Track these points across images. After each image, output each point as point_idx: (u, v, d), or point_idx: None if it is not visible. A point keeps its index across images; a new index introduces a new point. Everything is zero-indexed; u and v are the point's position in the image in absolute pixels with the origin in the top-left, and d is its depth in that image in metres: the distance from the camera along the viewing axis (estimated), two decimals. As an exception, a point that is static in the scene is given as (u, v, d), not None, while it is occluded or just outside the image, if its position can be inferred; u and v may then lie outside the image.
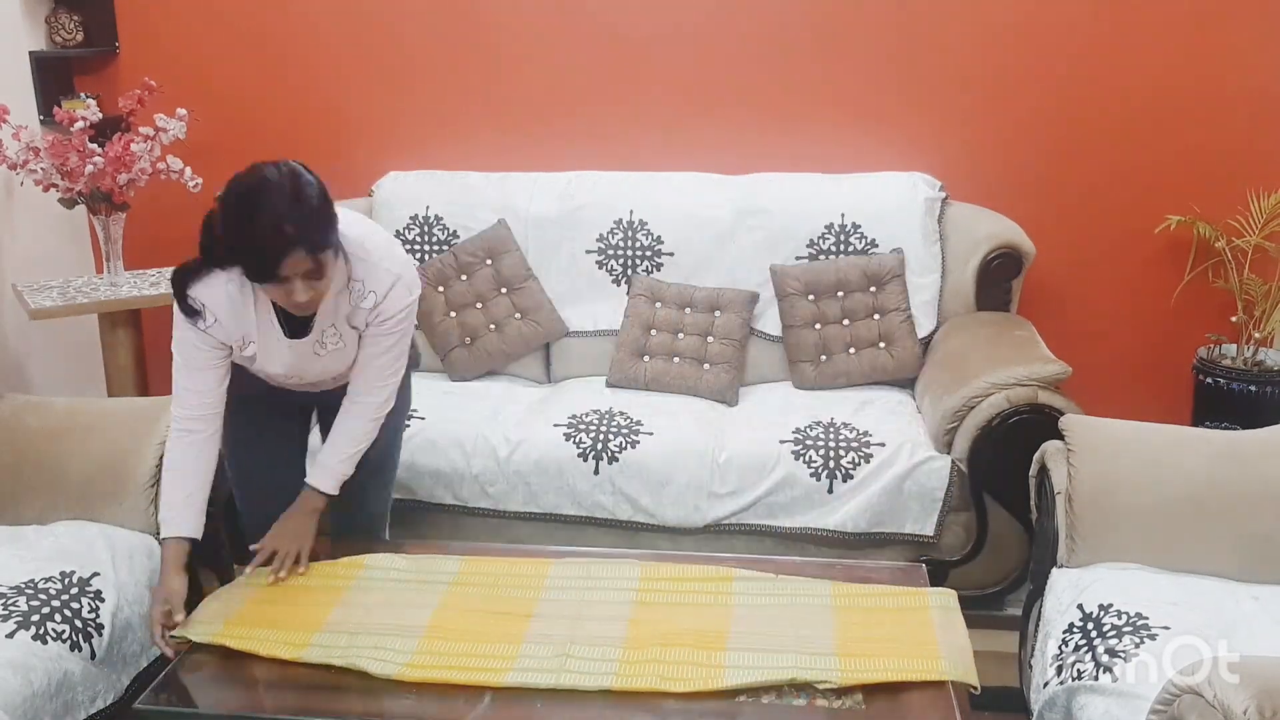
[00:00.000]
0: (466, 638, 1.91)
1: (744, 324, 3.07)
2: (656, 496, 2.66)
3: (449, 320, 3.17)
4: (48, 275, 3.30)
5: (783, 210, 3.12)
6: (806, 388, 3.02)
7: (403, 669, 1.81)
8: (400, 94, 3.45)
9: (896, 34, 3.20)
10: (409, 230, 3.24)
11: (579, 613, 1.99)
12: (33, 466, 2.33)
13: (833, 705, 1.74)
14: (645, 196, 3.19)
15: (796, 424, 2.73)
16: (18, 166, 2.98)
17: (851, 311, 3.02)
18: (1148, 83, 3.10)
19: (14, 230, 3.35)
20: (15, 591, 1.96)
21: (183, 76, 3.37)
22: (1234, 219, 3.12)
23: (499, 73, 3.40)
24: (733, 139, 3.34)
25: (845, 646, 1.86)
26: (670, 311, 3.08)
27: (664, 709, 1.75)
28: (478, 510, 2.74)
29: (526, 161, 3.36)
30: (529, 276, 3.18)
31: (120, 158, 2.99)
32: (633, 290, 3.12)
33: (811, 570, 2.15)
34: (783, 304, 3.05)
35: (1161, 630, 1.81)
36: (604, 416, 2.78)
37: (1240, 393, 3.09)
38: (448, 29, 3.38)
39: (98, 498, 2.30)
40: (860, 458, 2.62)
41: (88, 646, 1.94)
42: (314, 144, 3.50)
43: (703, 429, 2.75)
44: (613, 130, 3.39)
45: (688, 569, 2.14)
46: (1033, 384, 2.53)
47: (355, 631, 1.92)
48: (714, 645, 1.87)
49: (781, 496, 2.63)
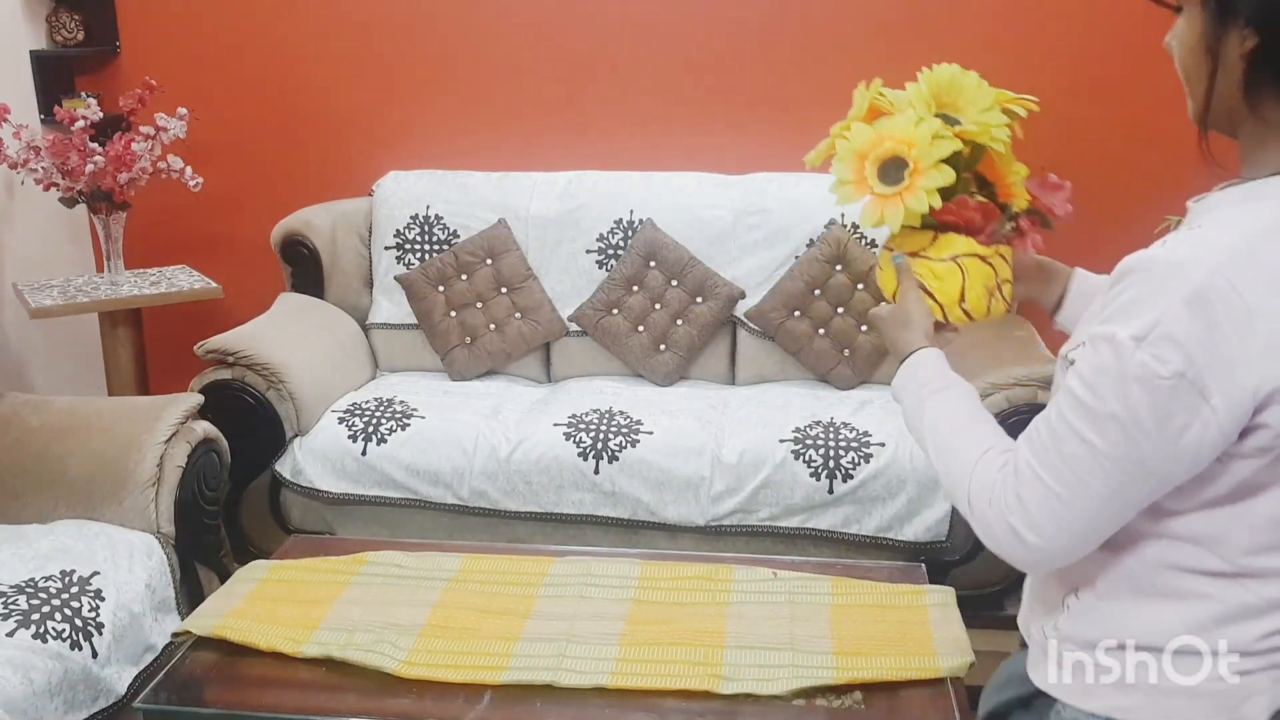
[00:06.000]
0: (465, 635, 1.91)
1: (718, 319, 3.08)
2: (656, 495, 2.66)
3: (449, 320, 3.17)
4: (48, 274, 3.31)
5: (783, 210, 3.12)
6: (805, 386, 3.03)
7: (400, 665, 1.82)
8: (400, 94, 3.45)
9: (896, 34, 3.20)
10: (409, 230, 3.25)
11: (578, 611, 1.99)
12: (33, 465, 2.34)
13: (832, 704, 1.75)
14: (645, 196, 3.19)
15: (796, 423, 2.73)
16: (18, 165, 2.98)
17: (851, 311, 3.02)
18: (1147, 82, 3.11)
19: (14, 229, 3.35)
20: (15, 590, 1.96)
21: (183, 76, 3.38)
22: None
23: (499, 73, 3.40)
24: (733, 139, 3.34)
25: (844, 645, 1.86)
26: (658, 276, 3.09)
27: (662, 707, 1.75)
28: (478, 510, 2.74)
29: (526, 161, 3.36)
30: (529, 276, 3.19)
31: (121, 157, 2.99)
32: (631, 246, 3.13)
33: (810, 569, 2.15)
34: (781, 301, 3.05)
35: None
36: (604, 416, 2.78)
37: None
38: (448, 29, 3.39)
39: (98, 497, 2.30)
40: (860, 458, 2.62)
41: (88, 645, 1.94)
42: (314, 144, 3.51)
43: (703, 428, 2.75)
44: (613, 130, 3.39)
45: (687, 568, 2.14)
46: (1033, 384, 2.53)
47: (355, 628, 1.92)
48: (712, 644, 1.88)
49: (781, 496, 2.63)
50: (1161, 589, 0.97)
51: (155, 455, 2.33)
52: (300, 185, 3.44)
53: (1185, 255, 0.89)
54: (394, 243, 3.25)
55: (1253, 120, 0.94)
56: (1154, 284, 0.88)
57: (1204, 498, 0.94)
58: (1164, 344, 0.87)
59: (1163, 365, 0.87)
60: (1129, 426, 0.90)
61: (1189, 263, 0.88)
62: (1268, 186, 0.92)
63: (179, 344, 3.10)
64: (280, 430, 2.78)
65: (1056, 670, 1.03)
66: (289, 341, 2.89)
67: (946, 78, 1.18)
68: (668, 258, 3.10)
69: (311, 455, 2.78)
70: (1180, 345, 0.86)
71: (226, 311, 3.35)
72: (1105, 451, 0.91)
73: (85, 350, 3.54)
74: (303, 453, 2.79)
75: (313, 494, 2.78)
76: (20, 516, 2.29)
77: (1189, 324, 0.86)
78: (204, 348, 2.76)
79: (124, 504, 2.29)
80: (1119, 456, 0.91)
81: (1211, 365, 0.86)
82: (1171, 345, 0.86)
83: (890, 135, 1.15)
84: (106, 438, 2.36)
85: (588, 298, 3.15)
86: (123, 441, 2.34)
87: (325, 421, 2.84)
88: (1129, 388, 0.89)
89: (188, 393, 2.60)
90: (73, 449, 2.35)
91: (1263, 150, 0.94)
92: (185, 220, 3.54)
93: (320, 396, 2.88)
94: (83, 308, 3.03)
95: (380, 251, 3.28)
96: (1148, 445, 0.90)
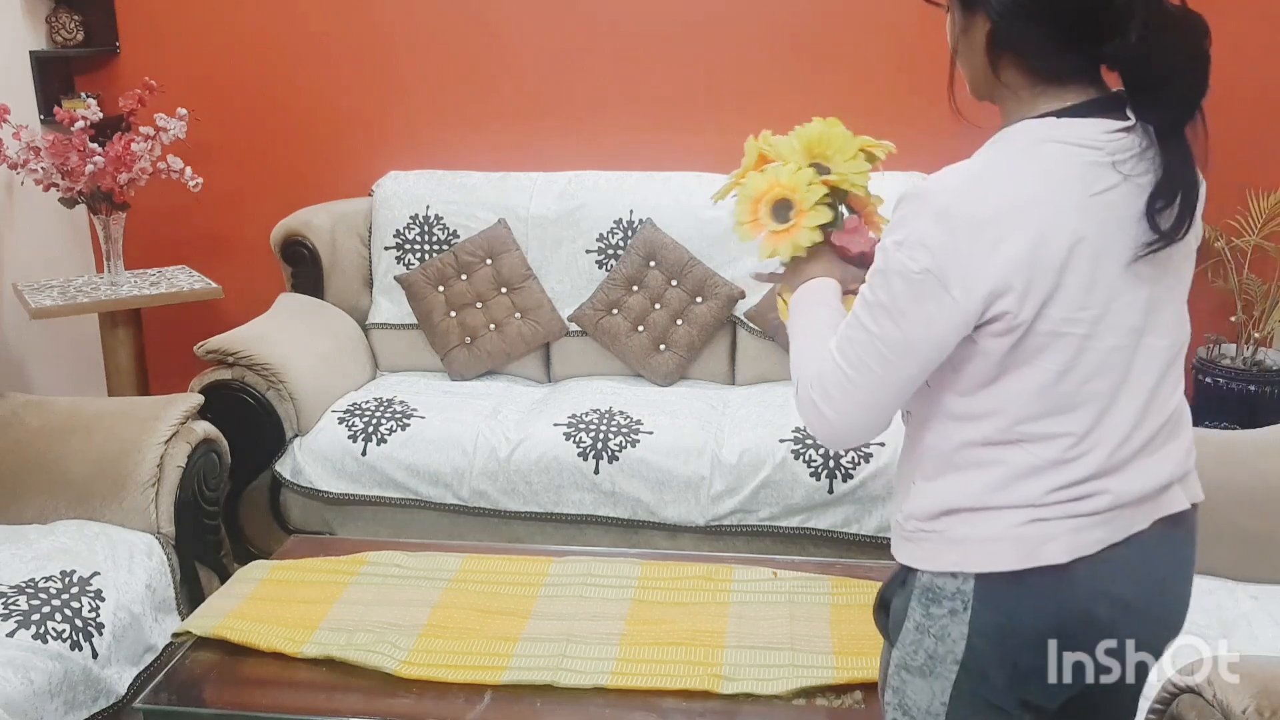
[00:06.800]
0: (465, 635, 1.91)
1: (718, 319, 3.09)
2: (656, 495, 2.66)
3: (449, 320, 3.17)
4: (48, 275, 3.31)
5: (782, 210, 3.12)
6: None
7: (400, 665, 1.82)
8: (400, 94, 3.45)
9: (895, 34, 3.20)
10: (409, 230, 3.25)
11: (578, 611, 1.99)
12: (33, 466, 2.34)
13: (832, 704, 1.75)
14: (645, 196, 3.19)
15: (796, 423, 2.73)
16: (18, 166, 2.98)
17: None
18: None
19: (14, 230, 3.35)
20: (16, 591, 1.97)
21: (183, 76, 3.38)
22: (1233, 219, 3.13)
23: (499, 73, 3.40)
24: (733, 139, 3.32)
25: (844, 645, 1.86)
26: (658, 276, 3.10)
27: (662, 707, 1.75)
28: (478, 510, 2.74)
29: (526, 161, 3.36)
30: (529, 276, 3.19)
31: (120, 157, 2.99)
32: (631, 246, 3.13)
33: (810, 569, 2.15)
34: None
35: (1161, 629, 1.81)
36: (604, 416, 2.78)
37: (1239, 393, 3.09)
38: (448, 29, 3.39)
39: (98, 497, 2.30)
40: (860, 457, 2.62)
41: (88, 646, 1.94)
42: (314, 144, 3.51)
43: (703, 428, 2.75)
44: (613, 130, 3.39)
45: (687, 568, 2.14)
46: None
47: (355, 628, 1.92)
48: (712, 644, 1.88)
49: (781, 496, 2.63)
50: (964, 462, 1.19)
51: (155, 455, 2.33)
52: (300, 185, 3.44)
53: (936, 184, 1.12)
54: (394, 243, 3.25)
55: (999, 87, 1.18)
56: (914, 205, 1.12)
57: (976, 380, 1.16)
58: (916, 248, 1.10)
59: (914, 263, 1.10)
60: (892, 311, 1.13)
61: (937, 189, 1.12)
62: (1005, 133, 1.17)
63: (179, 344, 3.11)
64: (280, 430, 2.78)
65: (909, 546, 1.23)
66: (289, 342, 2.89)
67: (816, 133, 1.40)
68: (668, 258, 3.10)
69: (311, 455, 2.79)
70: (928, 248, 1.10)
71: (226, 312, 3.36)
72: (877, 334, 1.14)
73: (85, 350, 3.54)
74: (303, 453, 2.79)
75: (313, 494, 2.78)
76: (20, 517, 2.29)
77: (934, 232, 1.09)
78: (204, 348, 2.76)
79: (124, 504, 2.29)
80: (887, 338, 1.14)
81: (950, 263, 1.09)
82: (921, 249, 1.10)
83: (777, 182, 1.37)
84: (106, 438, 2.36)
85: (587, 298, 3.15)
86: (123, 442, 2.34)
87: (325, 422, 2.84)
88: (891, 280, 1.13)
89: (188, 393, 2.60)
90: (73, 449, 2.35)
91: (1009, 108, 1.19)
92: (185, 220, 3.54)
93: (320, 396, 2.88)
94: (83, 308, 3.03)
95: (380, 251, 3.28)
96: (907, 326, 1.13)
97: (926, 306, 1.11)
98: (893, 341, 1.14)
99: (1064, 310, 1.11)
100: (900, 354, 1.14)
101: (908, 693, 1.25)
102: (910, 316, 1.12)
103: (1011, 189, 1.10)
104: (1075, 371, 1.13)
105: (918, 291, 1.11)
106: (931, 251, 1.09)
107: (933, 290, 1.10)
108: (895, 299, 1.12)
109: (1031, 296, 1.09)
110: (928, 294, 1.10)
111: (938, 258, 1.09)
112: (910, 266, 1.10)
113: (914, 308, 1.11)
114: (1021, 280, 1.09)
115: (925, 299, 1.11)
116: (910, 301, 1.11)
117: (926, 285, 1.10)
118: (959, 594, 1.18)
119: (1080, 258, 1.10)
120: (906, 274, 1.11)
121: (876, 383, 1.16)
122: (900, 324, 1.13)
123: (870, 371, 1.16)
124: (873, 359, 1.15)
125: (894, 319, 1.13)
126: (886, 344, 1.14)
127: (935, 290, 1.10)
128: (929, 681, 1.22)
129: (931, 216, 1.10)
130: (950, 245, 1.09)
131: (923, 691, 1.23)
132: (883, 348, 1.14)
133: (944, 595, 1.19)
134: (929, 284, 1.10)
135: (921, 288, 1.10)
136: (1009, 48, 1.15)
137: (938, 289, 1.10)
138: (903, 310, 1.12)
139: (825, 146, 1.39)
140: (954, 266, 1.09)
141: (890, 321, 1.13)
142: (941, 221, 1.09)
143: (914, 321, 1.12)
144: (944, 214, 1.09)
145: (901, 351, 1.14)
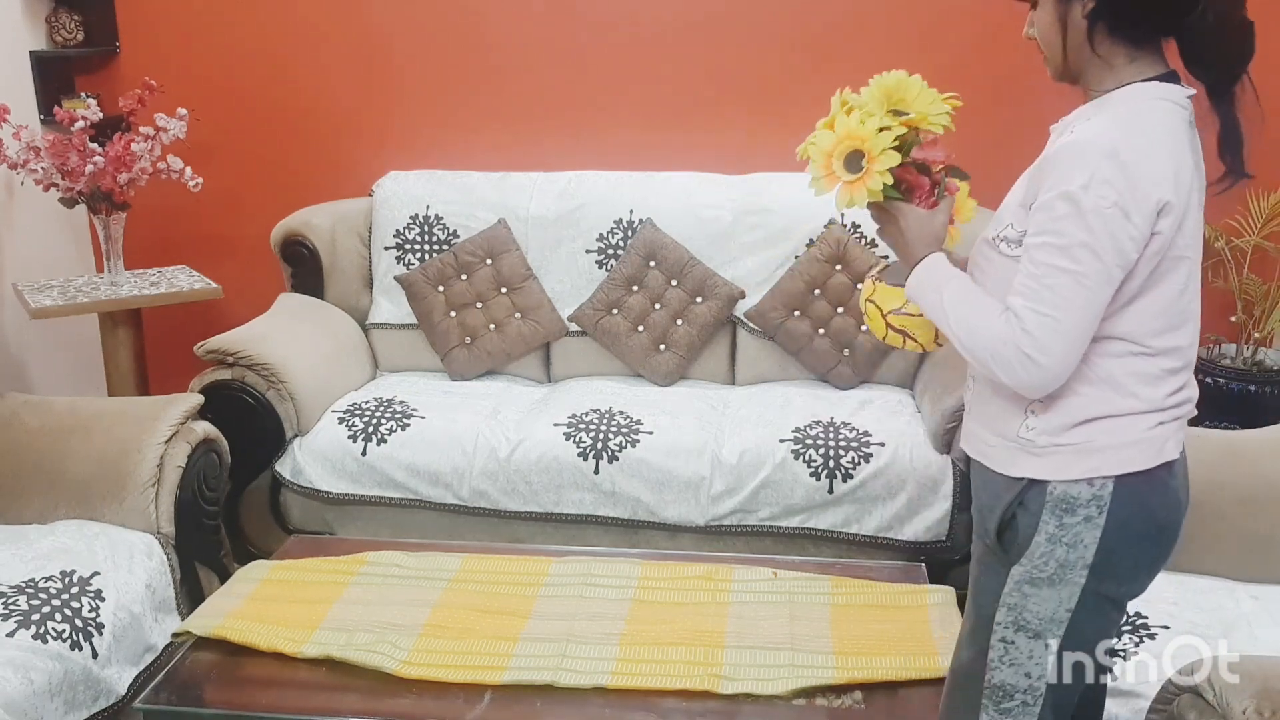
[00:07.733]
0: (465, 635, 1.91)
1: (718, 319, 3.08)
2: (656, 495, 2.66)
3: (449, 320, 3.17)
4: (48, 275, 3.31)
5: (783, 210, 3.12)
6: (805, 385, 3.03)
7: (400, 665, 1.82)
8: (400, 94, 3.45)
9: (895, 34, 3.20)
10: (409, 230, 3.25)
11: (578, 611, 2.00)
12: (33, 466, 2.34)
13: (832, 704, 1.75)
14: (645, 196, 3.19)
15: (796, 423, 2.73)
16: (18, 166, 2.98)
17: (851, 310, 3.02)
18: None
19: (14, 230, 3.35)
20: (16, 591, 1.97)
21: (183, 76, 3.38)
22: (1233, 219, 3.12)
23: (499, 73, 3.40)
24: (733, 139, 3.34)
25: (844, 645, 1.86)
26: (658, 276, 3.09)
27: (662, 707, 1.75)
28: (478, 510, 2.74)
29: (526, 161, 3.36)
30: (529, 276, 3.19)
31: (120, 157, 2.99)
32: (631, 246, 3.13)
33: (810, 569, 2.15)
34: (781, 301, 3.05)
35: (1161, 629, 1.81)
36: (604, 416, 2.78)
37: (1240, 393, 3.09)
38: (448, 29, 3.39)
39: (98, 497, 2.30)
40: (860, 458, 2.62)
41: (88, 645, 1.94)
42: (314, 144, 3.51)
43: (703, 428, 2.75)
44: (613, 130, 3.39)
45: (687, 568, 2.14)
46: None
47: (355, 628, 1.92)
48: (712, 643, 1.88)
49: (781, 496, 2.63)
50: (1100, 375, 1.33)
51: (155, 456, 2.33)
52: (300, 185, 3.44)
53: (1091, 134, 1.28)
54: (394, 243, 3.25)
55: (1095, 60, 1.35)
56: (1079, 154, 1.27)
57: (1120, 301, 1.31)
58: (1102, 185, 1.25)
59: (1104, 200, 1.25)
60: (1094, 246, 1.26)
61: (1096, 137, 1.28)
62: (1112, 94, 1.34)
63: (179, 344, 3.10)
64: (280, 430, 2.78)
65: (1036, 461, 1.36)
66: (289, 342, 2.89)
67: (893, 80, 1.49)
68: (667, 258, 3.10)
69: (311, 455, 2.79)
70: (1111, 184, 1.25)
71: (226, 311, 3.35)
72: (1080, 272, 1.27)
73: (85, 350, 3.54)
74: (303, 453, 2.79)
75: (313, 494, 2.78)
76: (20, 517, 2.29)
77: (1110, 170, 1.25)
78: (204, 348, 2.76)
79: (124, 504, 2.29)
80: (1090, 272, 1.27)
81: (1128, 195, 1.25)
82: (1106, 185, 1.25)
83: (846, 134, 1.44)
84: (106, 438, 2.36)
85: (587, 298, 3.15)
86: (123, 442, 2.34)
87: (325, 422, 2.84)
88: (1088, 218, 1.26)
89: (188, 393, 2.60)
90: (73, 449, 2.35)
91: (1102, 78, 1.36)
92: (185, 220, 3.54)
93: (320, 397, 2.88)
94: (83, 308, 3.03)
95: (380, 251, 3.28)
96: (1108, 258, 1.27)
97: (1119, 237, 1.26)
98: (1095, 274, 1.27)
99: (1187, 235, 1.31)
100: (1101, 284, 1.27)
101: (1028, 606, 1.37)
102: (1109, 248, 1.26)
103: (1152, 131, 1.29)
104: (1188, 290, 1.34)
105: (1111, 225, 1.25)
106: (1115, 187, 1.24)
107: (1120, 221, 1.25)
108: (1095, 235, 1.25)
109: (1176, 218, 1.28)
110: (1118, 225, 1.25)
111: (1120, 192, 1.25)
112: (1101, 204, 1.25)
113: (1110, 240, 1.25)
114: (1172, 204, 1.27)
115: (1118, 230, 1.25)
116: (1107, 235, 1.25)
117: (1116, 218, 1.25)
118: (1094, 500, 1.33)
119: (1195, 190, 1.31)
120: (1099, 211, 1.25)
121: (1081, 317, 1.29)
122: (1102, 256, 1.26)
123: (1075, 308, 1.28)
124: (1078, 296, 1.27)
125: (1095, 253, 1.26)
126: (1090, 278, 1.27)
127: (1122, 221, 1.25)
128: (1056, 589, 1.35)
129: (1104, 157, 1.25)
130: (1124, 179, 1.24)
131: (1048, 601, 1.36)
132: (1087, 283, 1.27)
133: (1079, 503, 1.33)
134: (1117, 216, 1.25)
135: (1113, 221, 1.25)
136: (1108, 19, 1.31)
137: (1123, 219, 1.25)
138: (1102, 244, 1.26)
139: (904, 92, 1.48)
140: (1131, 197, 1.25)
141: (1092, 256, 1.26)
142: (1113, 159, 1.25)
143: (1111, 251, 1.26)
144: (1114, 153, 1.25)
145: (1103, 281, 1.27)
